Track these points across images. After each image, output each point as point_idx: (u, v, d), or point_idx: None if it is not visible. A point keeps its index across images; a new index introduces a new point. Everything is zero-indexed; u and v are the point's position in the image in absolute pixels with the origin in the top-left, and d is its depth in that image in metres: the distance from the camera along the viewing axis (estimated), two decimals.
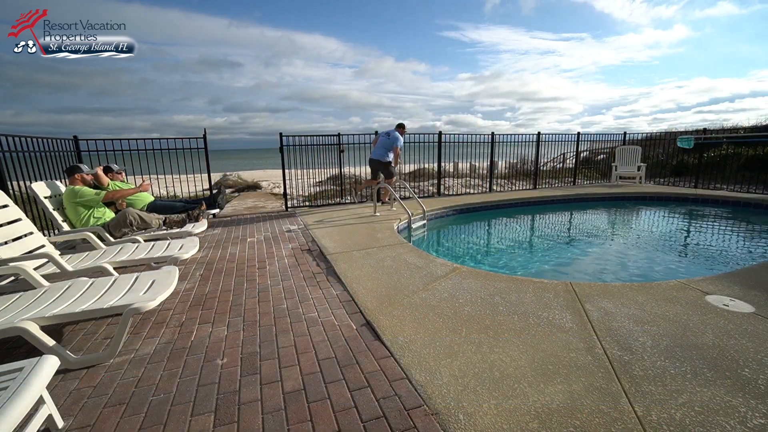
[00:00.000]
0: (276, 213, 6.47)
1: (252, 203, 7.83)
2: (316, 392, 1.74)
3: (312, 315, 2.53)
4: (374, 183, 6.48)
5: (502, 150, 8.45)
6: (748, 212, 6.65)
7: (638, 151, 9.17)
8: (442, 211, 6.48)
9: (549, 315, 2.39)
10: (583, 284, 2.87)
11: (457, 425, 1.50)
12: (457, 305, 2.57)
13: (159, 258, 2.96)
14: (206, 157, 6.48)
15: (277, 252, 4.04)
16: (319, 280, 3.18)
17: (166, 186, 7.10)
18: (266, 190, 10.85)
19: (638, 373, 1.79)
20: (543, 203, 7.56)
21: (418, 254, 3.77)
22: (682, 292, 2.68)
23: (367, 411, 1.60)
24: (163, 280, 2.29)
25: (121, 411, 1.64)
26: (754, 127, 11.68)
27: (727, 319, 2.28)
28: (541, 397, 1.64)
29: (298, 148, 6.70)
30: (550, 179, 9.52)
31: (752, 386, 1.67)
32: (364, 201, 7.17)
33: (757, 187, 7.62)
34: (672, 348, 1.99)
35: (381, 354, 2.03)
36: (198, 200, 5.88)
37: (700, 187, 8.42)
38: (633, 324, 2.25)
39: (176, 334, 2.31)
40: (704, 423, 1.47)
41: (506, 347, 2.04)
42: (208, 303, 2.77)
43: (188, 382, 1.84)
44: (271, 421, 1.56)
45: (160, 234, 3.85)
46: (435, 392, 1.70)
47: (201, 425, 1.55)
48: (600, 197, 7.88)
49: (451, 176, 9.29)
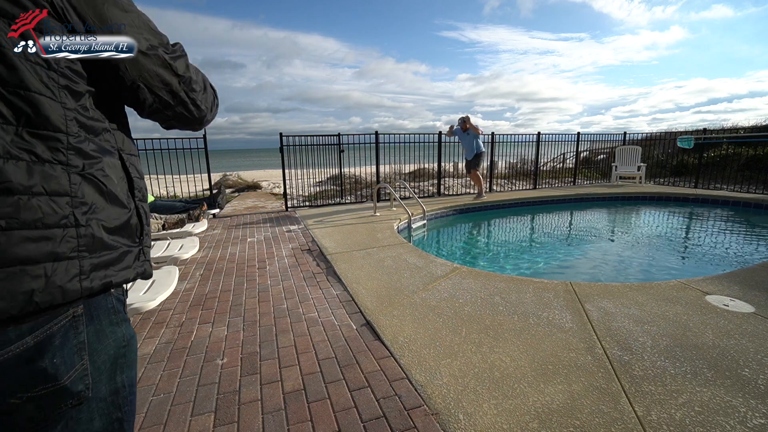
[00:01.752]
0: (276, 213, 6.47)
1: (252, 203, 7.83)
2: (316, 392, 1.74)
3: (312, 315, 2.53)
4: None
5: (502, 150, 8.45)
6: (748, 212, 6.65)
7: (638, 151, 9.17)
8: (442, 211, 6.48)
9: (549, 315, 2.39)
10: (583, 284, 2.87)
11: (457, 425, 1.51)
12: (457, 305, 2.57)
13: (159, 258, 2.96)
14: (206, 157, 6.48)
15: (277, 252, 4.04)
16: (319, 280, 3.18)
17: (166, 186, 7.11)
18: (266, 190, 10.85)
19: (638, 373, 1.79)
20: (543, 203, 7.57)
21: (418, 254, 3.77)
22: (682, 292, 2.68)
23: (367, 411, 1.60)
24: (163, 280, 2.29)
25: None
26: (754, 127, 11.68)
27: (727, 319, 2.28)
28: (541, 397, 1.64)
29: (298, 148, 6.71)
30: (550, 179, 9.52)
31: (752, 386, 1.67)
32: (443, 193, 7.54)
33: (757, 187, 7.62)
34: (672, 348, 1.99)
35: (381, 354, 2.03)
36: (198, 200, 5.88)
37: (700, 187, 8.42)
38: (633, 324, 2.25)
39: (176, 334, 2.31)
40: (704, 423, 1.47)
41: (506, 347, 2.04)
42: (208, 303, 2.77)
43: (188, 382, 1.84)
44: (271, 421, 1.56)
45: (159, 234, 3.85)
46: (435, 392, 1.70)
47: (201, 425, 1.55)
48: (600, 197, 7.88)
49: (451, 176, 9.30)
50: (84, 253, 0.62)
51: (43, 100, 0.58)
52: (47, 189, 0.58)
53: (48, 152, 0.58)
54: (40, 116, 0.57)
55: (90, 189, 0.64)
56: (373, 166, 7.23)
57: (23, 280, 0.55)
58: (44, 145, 0.58)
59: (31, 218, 0.56)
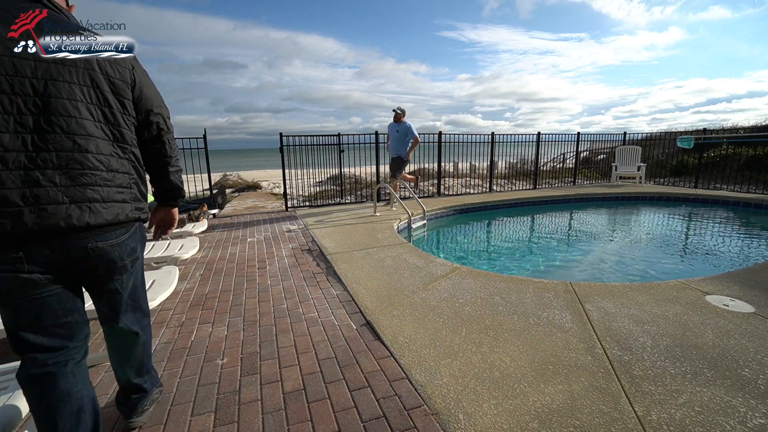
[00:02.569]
0: (276, 213, 6.47)
1: (252, 203, 7.83)
2: (316, 392, 1.74)
3: (312, 315, 2.53)
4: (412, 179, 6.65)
5: (502, 150, 8.45)
6: (748, 212, 6.65)
7: (638, 151, 9.17)
8: (442, 211, 6.48)
9: (549, 315, 2.39)
10: (583, 284, 2.87)
11: (457, 425, 1.51)
12: (457, 305, 2.57)
13: (159, 258, 2.96)
14: (206, 157, 6.48)
15: (277, 252, 4.04)
16: (319, 280, 3.18)
17: None
18: (266, 190, 10.85)
19: (638, 373, 1.79)
20: (543, 203, 7.57)
21: (418, 254, 3.77)
22: (682, 292, 2.68)
23: (367, 411, 1.60)
24: (163, 280, 2.29)
25: None
26: (754, 127, 11.68)
27: (727, 319, 2.28)
28: (541, 397, 1.64)
29: (298, 148, 6.70)
30: (550, 179, 9.52)
31: (752, 386, 1.67)
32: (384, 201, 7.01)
33: (757, 187, 7.62)
34: (672, 348, 1.99)
35: (381, 354, 2.03)
36: (199, 200, 5.88)
37: (700, 187, 8.42)
38: (633, 324, 2.25)
39: (176, 334, 2.31)
40: (704, 423, 1.47)
41: (506, 347, 2.04)
42: (208, 303, 2.77)
43: (188, 381, 1.84)
44: (271, 421, 1.56)
45: None
46: (435, 392, 1.70)
47: (201, 425, 1.55)
48: (600, 197, 7.88)
49: (451, 176, 9.29)
50: (134, 201, 1.30)
51: (126, 132, 1.28)
52: (123, 170, 1.26)
53: (123, 153, 1.27)
54: (125, 139, 1.28)
55: (134, 170, 1.32)
56: (373, 166, 7.23)
57: (116, 208, 1.22)
58: (122, 150, 1.27)
59: (119, 183, 1.24)
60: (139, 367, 1.52)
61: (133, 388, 1.53)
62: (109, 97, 1.21)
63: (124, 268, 1.30)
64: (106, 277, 1.27)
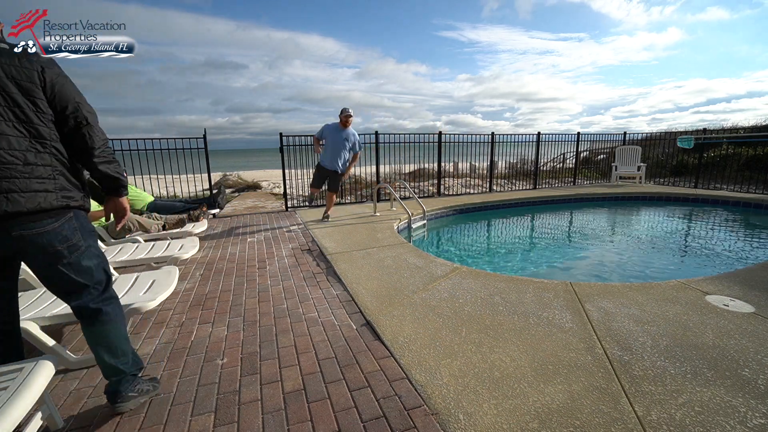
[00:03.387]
0: (276, 213, 6.47)
1: (252, 203, 7.82)
2: (316, 392, 1.74)
3: (312, 315, 2.53)
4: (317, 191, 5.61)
5: (502, 150, 8.45)
6: (748, 212, 6.65)
7: (638, 151, 9.17)
8: (442, 211, 6.48)
9: (549, 315, 2.39)
10: (583, 284, 2.87)
11: (457, 425, 1.51)
12: (457, 305, 2.57)
13: (159, 258, 2.96)
14: (206, 157, 6.48)
15: (277, 252, 4.04)
16: (319, 280, 3.18)
17: (166, 186, 7.11)
18: (266, 190, 10.85)
19: (638, 373, 1.79)
20: (543, 203, 7.57)
21: (418, 254, 3.77)
22: (682, 292, 2.68)
23: (368, 411, 1.60)
24: (163, 280, 2.29)
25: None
26: (754, 127, 11.68)
27: (727, 319, 2.28)
28: (541, 397, 1.64)
29: (298, 148, 6.70)
30: (550, 179, 9.52)
31: (752, 386, 1.67)
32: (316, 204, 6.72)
33: (757, 187, 7.62)
34: (672, 348, 1.99)
35: (381, 354, 2.03)
36: (199, 200, 5.88)
37: (700, 187, 8.42)
38: (633, 324, 2.25)
39: (176, 334, 2.31)
40: (704, 423, 1.47)
41: (506, 347, 2.04)
42: (208, 303, 2.77)
43: (188, 382, 1.84)
44: (271, 421, 1.56)
45: (160, 234, 3.85)
46: (435, 392, 1.70)
47: (201, 425, 1.55)
48: (600, 197, 7.88)
49: (451, 176, 9.29)
50: (59, 191, 1.41)
51: (42, 128, 1.38)
52: (43, 163, 1.38)
53: (42, 147, 1.38)
54: (41, 135, 1.39)
55: (58, 163, 1.43)
56: (373, 166, 7.23)
57: (37, 197, 1.35)
58: (41, 145, 1.38)
59: (38, 174, 1.36)
60: (112, 348, 1.57)
61: (110, 370, 1.58)
62: (18, 98, 1.32)
63: (57, 254, 1.41)
64: (45, 263, 1.42)
